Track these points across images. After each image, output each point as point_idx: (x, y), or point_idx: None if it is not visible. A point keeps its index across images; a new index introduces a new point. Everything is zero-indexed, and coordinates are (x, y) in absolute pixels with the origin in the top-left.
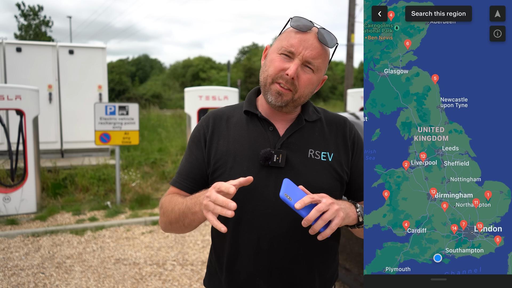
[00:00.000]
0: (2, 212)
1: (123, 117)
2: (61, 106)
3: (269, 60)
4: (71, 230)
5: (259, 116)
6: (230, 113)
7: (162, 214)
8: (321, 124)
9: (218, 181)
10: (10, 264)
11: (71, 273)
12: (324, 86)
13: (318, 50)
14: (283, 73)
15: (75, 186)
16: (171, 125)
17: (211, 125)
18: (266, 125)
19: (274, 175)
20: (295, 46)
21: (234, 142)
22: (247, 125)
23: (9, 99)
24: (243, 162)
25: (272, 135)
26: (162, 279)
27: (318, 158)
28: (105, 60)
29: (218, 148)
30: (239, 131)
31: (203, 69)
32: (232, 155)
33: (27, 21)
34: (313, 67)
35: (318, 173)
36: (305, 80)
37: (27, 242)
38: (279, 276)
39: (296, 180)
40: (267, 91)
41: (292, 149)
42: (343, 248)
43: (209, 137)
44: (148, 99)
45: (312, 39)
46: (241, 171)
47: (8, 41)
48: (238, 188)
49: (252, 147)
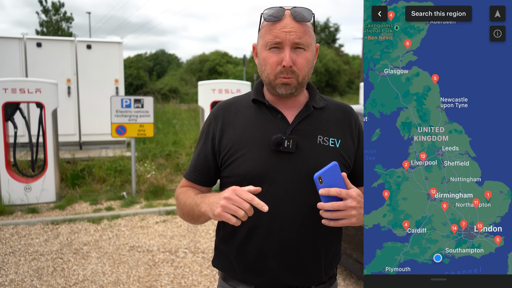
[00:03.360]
0: (23, 201)
1: (138, 110)
2: (79, 99)
3: (262, 59)
4: (88, 218)
5: (267, 105)
6: (238, 103)
7: (178, 204)
8: (328, 111)
9: (230, 167)
10: (30, 250)
11: (87, 258)
12: (341, 81)
13: (300, 29)
14: (280, 67)
15: (93, 177)
16: (185, 118)
17: (220, 117)
18: (275, 112)
19: (284, 160)
20: (279, 37)
21: (244, 130)
22: (256, 113)
23: (29, 92)
24: (254, 149)
25: (281, 122)
26: (174, 265)
27: (326, 144)
28: (121, 55)
29: (230, 137)
30: (249, 120)
31: (220, 63)
32: (244, 143)
33: (48, 17)
34: (303, 46)
35: (326, 158)
36: (301, 61)
37: (47, 229)
38: (289, 256)
39: (306, 165)
40: (274, 86)
41: (302, 135)
42: (352, 238)
43: (219, 129)
44: (165, 94)
45: (290, 22)
46: (252, 157)
47: (29, 37)
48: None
49: (263, 134)
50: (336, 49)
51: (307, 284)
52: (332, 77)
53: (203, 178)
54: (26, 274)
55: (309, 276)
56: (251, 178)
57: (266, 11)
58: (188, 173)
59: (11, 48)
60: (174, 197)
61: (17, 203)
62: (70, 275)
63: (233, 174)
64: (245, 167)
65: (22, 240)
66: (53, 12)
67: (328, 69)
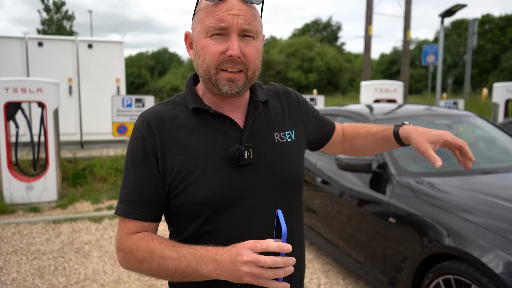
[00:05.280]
0: (25, 200)
1: (139, 109)
2: (81, 98)
3: (201, 48)
4: (89, 217)
5: (211, 112)
6: (171, 112)
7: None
8: (272, 101)
9: (183, 196)
10: (32, 249)
11: (89, 257)
12: (343, 79)
13: (249, 12)
14: (224, 56)
15: (94, 176)
16: None
17: (155, 133)
18: (222, 119)
19: (246, 173)
20: (224, 20)
21: (191, 148)
22: (199, 122)
23: (31, 92)
24: (209, 168)
25: (232, 129)
26: None
27: (284, 140)
28: (122, 54)
29: (174, 158)
30: (193, 132)
31: None
32: (195, 163)
33: (50, 15)
34: (252, 34)
35: (289, 158)
36: (251, 52)
37: (48, 228)
38: None
39: (271, 171)
40: (215, 83)
41: (259, 138)
42: (352, 238)
43: (159, 148)
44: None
45: (237, 3)
46: (210, 178)
47: (30, 36)
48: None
49: (215, 148)
50: (337, 48)
51: None
52: (334, 76)
53: (156, 212)
54: (27, 273)
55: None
56: (213, 205)
57: None
58: (134, 211)
59: (12, 48)
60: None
61: (19, 202)
62: (71, 274)
63: (188, 204)
64: (204, 193)
65: (23, 239)
66: (54, 10)
67: (330, 68)
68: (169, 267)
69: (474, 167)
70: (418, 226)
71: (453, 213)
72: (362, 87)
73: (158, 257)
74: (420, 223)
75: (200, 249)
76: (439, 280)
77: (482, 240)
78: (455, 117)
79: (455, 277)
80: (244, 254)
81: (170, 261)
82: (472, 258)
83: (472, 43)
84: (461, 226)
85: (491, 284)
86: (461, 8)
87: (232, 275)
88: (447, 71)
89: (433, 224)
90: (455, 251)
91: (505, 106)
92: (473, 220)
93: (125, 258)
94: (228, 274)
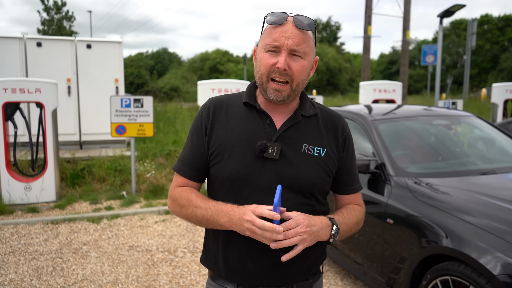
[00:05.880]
0: (23, 201)
1: (138, 109)
2: (80, 99)
3: (259, 60)
4: (88, 218)
5: (257, 109)
6: (230, 102)
7: (179, 206)
8: (317, 120)
9: (216, 167)
10: (30, 249)
11: (87, 258)
12: (342, 79)
13: (299, 36)
14: (274, 68)
15: (93, 176)
16: (186, 117)
17: (211, 114)
18: (264, 117)
19: (268, 166)
20: (277, 40)
21: (232, 132)
22: (246, 116)
23: (29, 92)
24: (240, 152)
25: (269, 127)
26: (172, 265)
27: (311, 153)
28: (121, 54)
29: (217, 136)
30: (238, 122)
31: (221, 62)
32: (230, 144)
33: (50, 16)
34: (300, 54)
35: (310, 167)
36: (297, 67)
37: (47, 229)
38: (268, 258)
39: (289, 173)
40: (265, 90)
41: (287, 142)
42: (350, 238)
43: (209, 126)
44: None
45: (291, 28)
46: (237, 160)
47: (29, 36)
48: (234, 175)
49: (250, 138)
50: (337, 48)
51: (287, 284)
52: (333, 76)
53: (200, 175)
54: (25, 274)
55: (289, 278)
56: (233, 182)
57: (270, 15)
58: (184, 170)
59: (11, 48)
60: (169, 197)
61: (17, 202)
62: (69, 274)
63: (218, 175)
64: (229, 169)
65: (22, 240)
66: (54, 11)
67: (329, 68)
68: (198, 215)
69: (473, 167)
70: (416, 227)
71: (451, 214)
72: (361, 87)
73: (193, 206)
74: (418, 224)
75: (222, 205)
76: (437, 281)
77: (480, 242)
78: (453, 117)
79: (453, 278)
80: (247, 214)
81: (199, 210)
82: (470, 259)
83: (471, 43)
84: (459, 227)
85: (489, 285)
86: (460, 8)
87: (239, 228)
88: (446, 71)
89: (431, 225)
90: (453, 252)
91: (504, 106)
92: (471, 221)
93: (171, 203)
94: (237, 227)
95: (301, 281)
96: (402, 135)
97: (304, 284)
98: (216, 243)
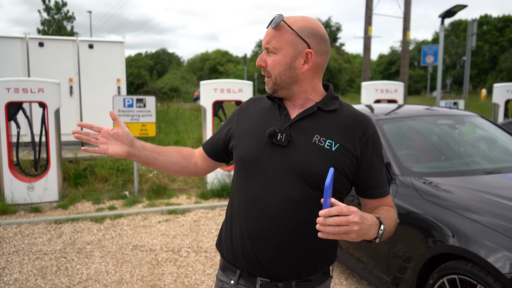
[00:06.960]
0: (26, 201)
1: (140, 109)
2: (82, 99)
3: None
4: (91, 218)
5: (277, 103)
6: (262, 99)
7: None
8: (338, 115)
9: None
10: (34, 249)
11: (91, 258)
12: (342, 80)
13: (270, 34)
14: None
15: (95, 176)
16: (188, 117)
17: (243, 108)
18: (282, 109)
19: (277, 152)
20: (262, 41)
21: (252, 121)
22: (269, 108)
23: (32, 92)
24: (254, 138)
25: (285, 118)
26: (177, 265)
27: (322, 144)
28: (123, 54)
29: (242, 125)
30: (261, 113)
31: (221, 62)
32: (249, 131)
33: (50, 16)
34: (271, 49)
35: (316, 158)
36: (270, 62)
37: (50, 228)
38: (265, 243)
39: (295, 160)
40: None
41: (299, 132)
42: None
43: (237, 117)
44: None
45: (269, 28)
46: (250, 144)
47: (31, 36)
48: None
49: (266, 126)
50: (337, 48)
51: (281, 277)
52: (333, 76)
53: (210, 151)
54: (30, 273)
55: (281, 268)
56: (245, 163)
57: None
58: (205, 145)
59: (13, 48)
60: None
61: (20, 202)
62: (74, 274)
63: (235, 157)
64: (242, 152)
65: (25, 239)
66: (55, 11)
67: (329, 68)
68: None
69: (477, 167)
70: (422, 226)
71: (458, 213)
72: (362, 87)
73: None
74: (424, 223)
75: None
76: (444, 280)
77: (487, 240)
78: (457, 117)
79: (460, 277)
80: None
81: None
82: (477, 258)
83: (471, 44)
84: (466, 226)
85: (497, 284)
86: (461, 8)
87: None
88: (446, 71)
89: (437, 224)
90: (460, 251)
91: (505, 106)
92: (478, 220)
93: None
94: None
95: (300, 280)
96: (406, 135)
97: (306, 285)
98: (226, 225)
